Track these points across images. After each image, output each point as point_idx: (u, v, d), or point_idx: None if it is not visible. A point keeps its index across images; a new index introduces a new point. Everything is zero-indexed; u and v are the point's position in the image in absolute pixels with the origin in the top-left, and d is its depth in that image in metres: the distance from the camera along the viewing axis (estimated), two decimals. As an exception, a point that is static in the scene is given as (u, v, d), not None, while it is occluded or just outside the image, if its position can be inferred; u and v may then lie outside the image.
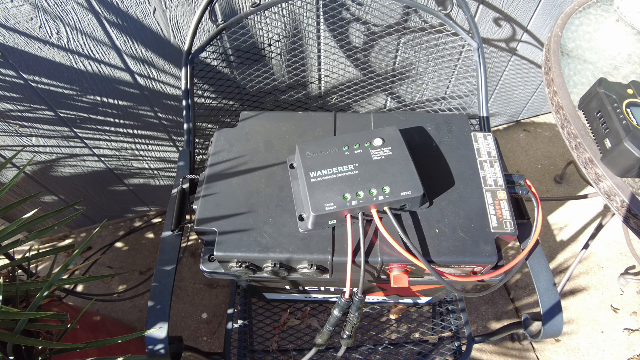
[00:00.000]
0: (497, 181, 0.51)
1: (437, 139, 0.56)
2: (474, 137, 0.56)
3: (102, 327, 0.83)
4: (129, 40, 0.72)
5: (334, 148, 0.50)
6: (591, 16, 0.71)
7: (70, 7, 0.64)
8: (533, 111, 1.43)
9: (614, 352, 1.01)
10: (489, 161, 0.53)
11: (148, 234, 1.18)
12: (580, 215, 1.24)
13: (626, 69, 0.63)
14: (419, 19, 0.89)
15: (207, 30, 0.74)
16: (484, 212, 0.49)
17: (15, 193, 0.93)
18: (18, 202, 0.65)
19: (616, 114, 0.51)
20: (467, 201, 0.50)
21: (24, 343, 0.55)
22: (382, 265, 0.48)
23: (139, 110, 0.86)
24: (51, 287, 0.61)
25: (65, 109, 0.79)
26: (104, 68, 0.75)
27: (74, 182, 0.97)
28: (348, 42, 0.88)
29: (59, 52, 0.69)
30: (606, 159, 0.51)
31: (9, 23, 0.62)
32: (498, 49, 1.09)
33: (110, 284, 1.09)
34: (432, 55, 0.99)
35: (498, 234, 0.47)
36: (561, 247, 1.18)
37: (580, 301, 1.09)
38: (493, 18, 0.99)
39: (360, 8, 0.82)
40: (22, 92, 0.73)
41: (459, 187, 0.51)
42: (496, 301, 1.09)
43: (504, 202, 0.50)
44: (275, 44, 0.82)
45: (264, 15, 0.76)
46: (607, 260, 1.16)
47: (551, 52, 0.64)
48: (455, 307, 0.77)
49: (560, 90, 0.59)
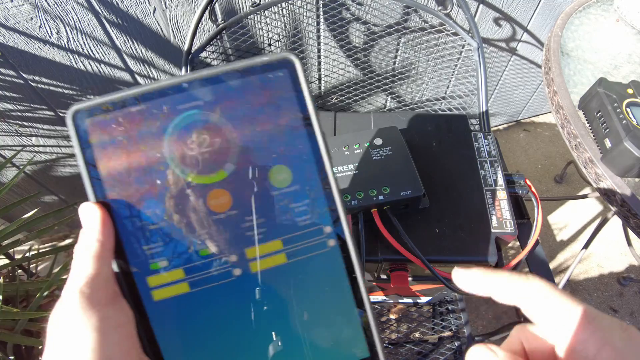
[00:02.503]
0: (497, 181, 0.51)
1: (437, 139, 0.56)
2: (474, 137, 0.56)
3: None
4: (128, 40, 0.72)
5: (334, 148, 0.50)
6: (591, 16, 0.71)
7: (70, 7, 0.64)
8: (533, 111, 1.43)
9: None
10: (489, 161, 0.53)
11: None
12: (580, 215, 1.24)
13: (626, 68, 0.63)
14: (419, 19, 0.89)
15: (207, 30, 0.74)
16: (484, 212, 0.49)
17: (15, 193, 0.93)
18: (18, 202, 0.65)
19: (616, 113, 0.51)
20: (467, 201, 0.50)
21: (24, 343, 0.55)
22: (382, 265, 0.48)
23: (139, 110, 0.86)
24: (51, 287, 0.61)
25: (65, 109, 0.79)
26: (104, 68, 0.75)
27: (73, 182, 0.97)
28: (348, 41, 0.88)
29: (58, 52, 0.69)
30: (606, 158, 0.51)
31: (8, 23, 0.62)
32: (498, 49, 1.09)
33: (110, 283, 1.09)
34: (432, 55, 0.99)
35: (498, 233, 0.47)
36: (561, 247, 1.18)
37: (580, 301, 1.09)
38: (493, 18, 0.99)
39: (360, 8, 0.82)
40: (22, 92, 0.73)
41: (459, 186, 0.51)
42: (496, 301, 1.09)
43: (504, 201, 0.50)
44: (275, 44, 0.82)
45: (264, 15, 0.76)
46: (607, 260, 1.16)
47: (551, 51, 0.64)
48: (456, 307, 0.77)
49: (560, 90, 0.59)
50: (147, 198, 0.23)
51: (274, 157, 0.23)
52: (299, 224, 0.23)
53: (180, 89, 0.23)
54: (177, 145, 0.23)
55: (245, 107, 0.23)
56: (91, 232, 0.22)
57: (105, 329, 0.20)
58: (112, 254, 0.22)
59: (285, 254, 0.23)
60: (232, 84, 0.23)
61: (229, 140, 0.23)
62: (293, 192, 0.23)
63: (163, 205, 0.23)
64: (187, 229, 0.23)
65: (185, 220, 0.23)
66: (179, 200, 0.23)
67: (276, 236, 0.23)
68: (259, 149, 0.23)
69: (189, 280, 0.23)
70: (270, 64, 0.23)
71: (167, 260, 0.23)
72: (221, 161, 0.23)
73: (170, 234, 0.23)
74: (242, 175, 0.23)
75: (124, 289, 0.23)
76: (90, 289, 0.20)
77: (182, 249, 0.23)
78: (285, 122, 0.23)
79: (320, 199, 0.24)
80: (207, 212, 0.23)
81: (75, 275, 0.21)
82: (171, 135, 0.23)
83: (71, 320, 0.20)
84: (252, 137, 0.23)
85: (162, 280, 0.23)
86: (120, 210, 0.23)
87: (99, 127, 0.23)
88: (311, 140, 0.23)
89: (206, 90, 0.23)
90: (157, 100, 0.23)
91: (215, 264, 0.23)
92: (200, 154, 0.23)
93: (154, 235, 0.23)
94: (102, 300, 0.21)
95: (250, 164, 0.23)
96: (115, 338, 0.20)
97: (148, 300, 0.23)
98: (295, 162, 0.23)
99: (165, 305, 0.23)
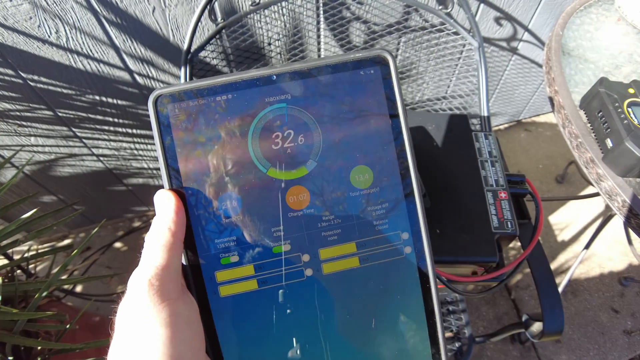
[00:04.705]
0: (498, 181, 0.51)
1: (437, 139, 0.55)
2: (474, 137, 0.55)
3: (102, 327, 0.83)
4: (128, 39, 0.71)
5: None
6: (592, 15, 0.70)
7: (70, 6, 0.63)
8: (534, 111, 1.42)
9: (614, 353, 1.01)
10: (490, 161, 0.53)
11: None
12: (581, 215, 1.24)
13: (627, 68, 0.63)
14: (419, 18, 0.88)
15: (206, 30, 0.74)
16: (484, 212, 0.49)
17: (14, 193, 0.93)
18: (17, 202, 0.65)
19: (617, 113, 0.50)
20: (468, 201, 0.49)
21: (23, 343, 0.54)
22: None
23: (138, 109, 0.85)
24: (50, 288, 0.61)
25: (64, 109, 0.79)
26: (103, 67, 0.75)
27: (72, 182, 0.97)
28: (348, 41, 0.88)
29: (58, 52, 0.69)
30: (607, 158, 0.51)
31: (7, 22, 0.62)
32: (499, 49, 1.09)
33: (110, 284, 1.09)
34: (432, 55, 0.99)
35: (499, 234, 0.47)
36: (562, 248, 1.18)
37: (581, 302, 1.09)
38: (494, 17, 0.98)
39: (360, 7, 0.82)
40: (20, 92, 0.73)
41: (460, 187, 0.51)
42: (497, 302, 1.08)
43: (505, 202, 0.49)
44: (275, 43, 0.82)
45: (264, 14, 0.76)
46: (608, 260, 1.15)
47: (552, 51, 0.63)
48: (456, 308, 0.77)
49: (562, 90, 0.58)
50: (224, 190, 0.22)
51: (357, 157, 0.23)
52: (376, 228, 0.23)
53: (268, 81, 0.22)
54: (261, 139, 0.22)
55: (333, 104, 0.22)
56: (164, 220, 0.21)
57: (176, 324, 0.19)
58: (182, 245, 0.21)
59: (359, 257, 0.23)
60: (321, 79, 0.22)
61: (313, 137, 0.22)
62: (372, 194, 0.23)
63: (240, 198, 0.22)
64: (263, 225, 0.22)
65: (262, 215, 0.22)
66: (257, 195, 0.22)
67: (351, 239, 0.23)
68: (342, 148, 0.23)
69: (258, 277, 0.22)
70: (363, 60, 0.22)
71: (238, 256, 0.22)
72: (303, 158, 0.22)
73: (245, 228, 0.22)
74: (322, 174, 0.22)
75: (190, 283, 0.22)
76: (159, 280, 0.19)
77: (255, 244, 0.22)
78: (372, 122, 0.23)
79: (400, 204, 0.23)
80: (285, 208, 0.22)
81: (145, 264, 0.20)
82: (255, 128, 0.22)
83: (140, 313, 0.19)
84: (337, 135, 0.22)
85: (231, 276, 0.22)
86: (194, 201, 0.22)
87: (180, 114, 0.22)
88: (397, 143, 0.23)
89: (295, 84, 0.22)
90: (244, 90, 0.22)
91: (288, 262, 0.23)
92: (283, 148, 0.22)
93: (228, 228, 0.22)
94: (173, 294, 0.20)
95: (332, 163, 0.23)
96: (186, 335, 0.19)
97: (214, 295, 0.22)
98: (377, 164, 0.23)
99: (231, 302, 0.22)
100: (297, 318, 0.22)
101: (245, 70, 0.22)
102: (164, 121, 0.22)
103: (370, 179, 0.23)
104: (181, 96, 0.22)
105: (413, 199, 0.23)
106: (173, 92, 0.22)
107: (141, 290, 0.19)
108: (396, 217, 0.23)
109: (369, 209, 0.23)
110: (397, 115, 0.23)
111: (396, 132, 0.23)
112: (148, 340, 0.18)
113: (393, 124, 0.23)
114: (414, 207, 0.23)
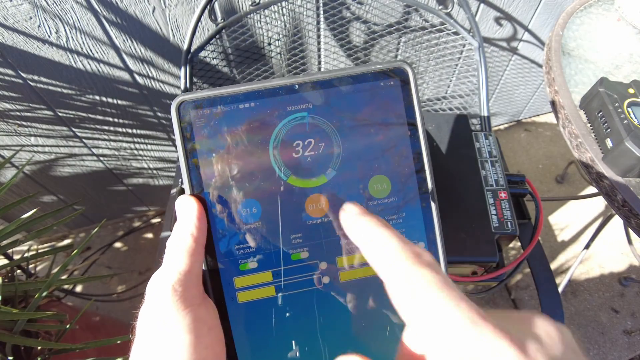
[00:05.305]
0: (498, 181, 0.51)
1: (437, 139, 0.55)
2: (474, 137, 0.55)
3: (102, 327, 0.82)
4: (128, 39, 0.71)
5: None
6: (592, 15, 0.70)
7: (70, 6, 0.63)
8: (534, 111, 1.42)
9: (614, 353, 1.01)
10: (490, 161, 0.53)
11: (147, 234, 1.18)
12: (581, 215, 1.24)
13: (627, 68, 0.63)
14: (419, 18, 0.88)
15: (206, 29, 0.74)
16: (484, 212, 0.49)
17: (14, 193, 0.93)
18: (17, 202, 0.65)
19: (617, 113, 0.50)
20: (468, 201, 0.50)
21: (23, 343, 0.54)
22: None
23: (138, 109, 0.85)
24: (50, 288, 0.61)
25: (64, 109, 0.79)
26: (103, 67, 0.75)
27: (73, 182, 0.97)
28: (348, 41, 0.88)
29: (58, 51, 0.69)
30: (607, 158, 0.51)
31: (7, 22, 0.62)
32: (499, 49, 1.09)
33: (110, 284, 1.09)
34: (432, 55, 0.99)
35: (499, 234, 0.47)
36: (562, 248, 1.18)
37: (581, 302, 1.09)
38: (494, 17, 0.98)
39: (360, 7, 0.82)
40: (20, 92, 0.73)
41: (460, 187, 0.51)
42: (497, 302, 1.08)
43: (505, 202, 0.49)
44: (275, 43, 0.82)
45: (264, 14, 0.76)
46: (608, 260, 1.15)
47: (552, 51, 0.63)
48: (456, 308, 0.77)
49: (562, 90, 0.58)
50: (245, 197, 0.22)
51: (376, 167, 0.23)
52: None
53: (291, 90, 0.22)
54: (282, 147, 0.22)
55: (353, 114, 0.23)
56: (186, 226, 0.21)
57: (199, 330, 0.19)
58: (203, 251, 0.21)
59: None
60: (342, 89, 0.23)
61: (333, 146, 0.23)
62: (390, 204, 0.23)
63: (260, 205, 0.22)
64: (282, 232, 0.23)
65: (281, 222, 0.23)
66: (277, 202, 0.22)
67: None
68: (361, 157, 0.23)
69: (276, 284, 0.23)
70: (384, 71, 0.23)
71: (257, 262, 0.22)
72: (323, 166, 0.23)
73: (264, 235, 0.23)
74: (341, 182, 0.23)
75: (208, 288, 0.22)
76: (182, 286, 0.19)
77: (273, 251, 0.23)
78: (391, 132, 0.23)
79: (416, 215, 0.23)
80: (304, 216, 0.23)
81: (167, 269, 0.20)
82: (277, 136, 0.22)
83: (164, 319, 0.19)
84: (356, 144, 0.23)
85: (249, 282, 0.22)
86: (215, 207, 0.22)
87: (202, 120, 0.22)
88: (415, 155, 0.23)
89: (316, 94, 0.23)
90: (267, 99, 0.22)
91: (305, 269, 0.23)
92: (303, 157, 0.23)
93: (247, 235, 0.22)
94: (195, 300, 0.20)
95: (351, 172, 0.23)
96: (208, 341, 0.19)
97: (232, 301, 0.22)
98: (395, 174, 0.23)
99: (249, 308, 0.22)
100: (313, 325, 0.23)
101: (268, 79, 0.23)
102: (186, 127, 0.22)
103: (388, 189, 0.23)
104: (204, 103, 0.22)
105: (430, 209, 0.23)
106: (196, 99, 0.22)
107: (164, 296, 0.19)
108: (413, 226, 0.23)
109: (386, 218, 0.23)
110: (415, 126, 0.23)
111: (414, 143, 0.23)
112: (172, 347, 0.18)
113: (412, 135, 0.23)
114: (430, 217, 0.23)
